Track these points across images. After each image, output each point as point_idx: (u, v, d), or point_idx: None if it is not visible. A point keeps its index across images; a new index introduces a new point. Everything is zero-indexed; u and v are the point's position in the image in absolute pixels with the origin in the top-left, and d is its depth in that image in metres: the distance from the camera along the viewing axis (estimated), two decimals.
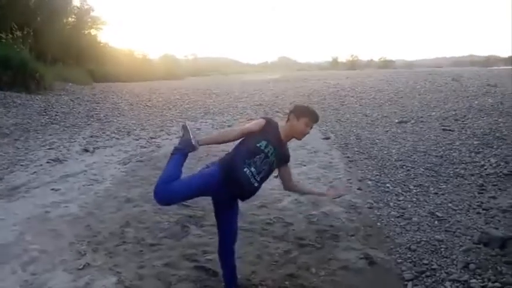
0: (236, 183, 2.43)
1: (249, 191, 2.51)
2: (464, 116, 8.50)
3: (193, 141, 2.54)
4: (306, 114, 2.65)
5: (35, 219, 4.18)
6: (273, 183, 5.18)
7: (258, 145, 2.48)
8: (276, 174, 2.84)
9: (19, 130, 8.45)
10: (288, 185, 2.86)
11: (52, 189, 5.14)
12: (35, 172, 5.86)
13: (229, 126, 9.46)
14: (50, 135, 8.28)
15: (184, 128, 2.65)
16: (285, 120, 2.73)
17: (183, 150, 2.58)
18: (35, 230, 3.89)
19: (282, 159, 2.68)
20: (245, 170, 2.43)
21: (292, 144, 7.52)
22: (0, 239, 3.68)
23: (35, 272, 3.13)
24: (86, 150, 7.17)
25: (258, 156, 2.47)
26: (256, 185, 2.49)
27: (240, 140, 2.58)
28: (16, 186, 5.22)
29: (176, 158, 2.57)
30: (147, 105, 12.68)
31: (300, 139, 2.70)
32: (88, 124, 9.56)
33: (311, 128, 2.69)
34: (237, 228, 2.78)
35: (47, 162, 6.36)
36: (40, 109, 10.65)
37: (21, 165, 6.20)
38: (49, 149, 7.22)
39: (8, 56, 12.25)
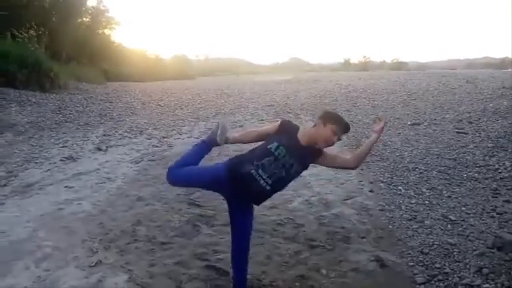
0: (241, 182, 2.38)
1: (256, 193, 2.41)
2: (479, 118, 8.38)
3: (218, 138, 2.63)
4: (333, 122, 2.49)
5: (48, 216, 4.24)
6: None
7: (268, 147, 2.40)
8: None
9: (33, 128, 8.57)
10: (347, 163, 2.69)
11: (65, 186, 5.21)
12: (48, 170, 5.94)
13: (240, 126, 9.47)
14: (64, 133, 8.39)
15: (219, 124, 2.71)
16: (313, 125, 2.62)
17: (208, 143, 2.70)
18: (48, 227, 3.95)
19: (303, 162, 2.50)
20: (252, 171, 2.35)
21: None
22: (14, 236, 3.74)
23: (48, 268, 3.18)
24: (99, 149, 7.25)
25: (266, 159, 2.36)
26: (268, 188, 2.39)
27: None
28: (30, 184, 5.30)
29: (199, 147, 2.69)
30: (159, 105, 12.76)
31: (323, 147, 2.51)
32: (101, 123, 9.66)
33: (338, 138, 2.54)
34: (250, 236, 2.70)
35: (61, 160, 6.45)
36: (54, 107, 10.80)
37: (36, 162, 6.29)
38: (63, 147, 7.31)
39: (23, 55, 12.45)
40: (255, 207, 2.65)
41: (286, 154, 2.39)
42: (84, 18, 22.80)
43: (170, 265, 3.23)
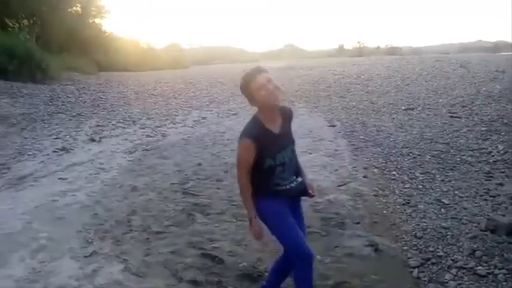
0: (290, 197, 2.33)
1: (300, 192, 2.38)
2: (472, 102, 8.40)
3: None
4: (248, 84, 2.24)
5: (42, 207, 4.23)
6: None
7: (266, 167, 2.22)
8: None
9: (26, 120, 8.50)
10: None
11: (59, 178, 5.19)
12: (42, 161, 5.91)
13: (234, 114, 9.44)
14: (57, 124, 8.32)
15: None
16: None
17: None
18: (42, 219, 3.94)
19: (292, 137, 2.38)
20: (278, 189, 2.27)
21: (298, 132, 7.49)
22: (9, 228, 3.73)
23: (43, 259, 3.18)
24: (92, 140, 7.21)
25: (277, 170, 2.24)
26: (299, 180, 2.36)
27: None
28: (24, 176, 5.27)
29: None
30: (152, 94, 12.69)
31: (273, 101, 2.21)
32: (94, 113, 9.60)
33: (267, 80, 2.23)
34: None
35: (54, 152, 6.41)
36: (46, 99, 10.69)
37: (29, 154, 6.25)
38: (56, 138, 7.26)
39: (14, 45, 12.27)
40: None
41: (283, 152, 2.27)
42: (74, 7, 22.45)
43: (165, 254, 3.24)
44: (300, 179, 2.37)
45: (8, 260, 3.16)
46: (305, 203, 4.16)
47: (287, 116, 2.37)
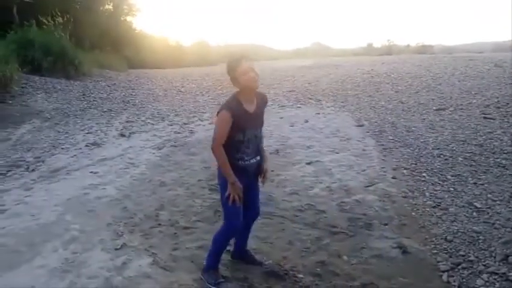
0: (245, 172, 2.68)
1: (256, 169, 2.76)
2: (507, 103, 8.11)
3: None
4: (235, 68, 2.53)
5: (74, 200, 4.37)
6: (304, 170, 5.18)
7: (236, 140, 2.57)
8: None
9: (59, 114, 8.79)
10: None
11: (91, 172, 5.34)
12: (74, 155, 6.10)
13: None
14: (89, 119, 8.56)
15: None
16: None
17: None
18: (74, 211, 4.07)
19: (263, 121, 2.73)
20: (240, 163, 2.62)
21: (325, 131, 7.42)
22: (43, 219, 3.88)
23: (75, 250, 3.29)
24: (122, 135, 7.38)
25: (243, 145, 2.60)
26: (258, 159, 2.72)
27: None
28: (57, 169, 5.46)
29: None
30: (180, 91, 12.85)
31: (254, 86, 2.55)
32: (124, 109, 9.81)
33: (251, 68, 2.52)
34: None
35: (86, 146, 6.60)
36: (79, 94, 11.02)
37: (62, 148, 6.46)
38: (87, 133, 7.48)
39: (49, 42, 12.70)
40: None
41: (252, 130, 2.61)
42: (107, 6, 22.98)
43: (193, 249, 3.29)
44: (258, 158, 2.73)
45: (42, 250, 3.29)
46: (332, 202, 4.16)
47: (263, 101, 2.73)
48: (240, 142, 2.58)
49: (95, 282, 2.85)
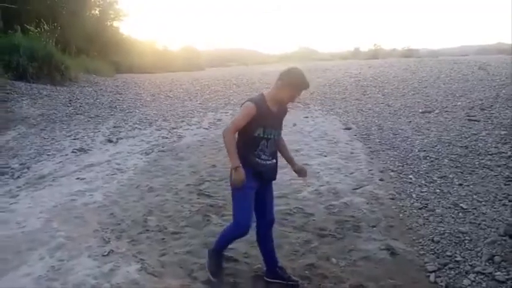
0: (259, 172, 2.67)
1: (271, 171, 2.75)
2: (491, 105, 8.24)
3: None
4: (294, 80, 2.62)
5: (61, 207, 4.31)
6: (293, 173, 5.18)
7: (255, 135, 2.61)
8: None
9: (45, 121, 8.68)
10: (279, 143, 2.87)
11: (77, 178, 5.28)
12: (60, 161, 6.02)
13: None
14: (75, 125, 8.47)
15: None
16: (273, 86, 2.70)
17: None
18: (61, 218, 4.01)
19: (282, 126, 2.81)
20: (257, 160, 2.64)
21: (313, 135, 7.46)
22: (29, 226, 3.82)
23: (62, 257, 3.24)
24: (110, 141, 7.31)
25: (262, 143, 2.63)
26: (274, 161, 2.74)
27: (238, 132, 2.64)
28: (43, 175, 5.38)
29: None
30: (168, 96, 12.79)
31: (286, 104, 2.75)
32: (111, 115, 9.73)
33: (299, 95, 2.69)
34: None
35: (72, 152, 6.52)
36: (65, 100, 10.90)
37: (48, 154, 6.38)
38: (74, 139, 7.39)
39: (35, 48, 12.54)
40: None
41: (272, 130, 2.67)
42: (93, 11, 22.84)
43: (181, 254, 3.27)
44: (274, 161, 2.76)
45: (28, 258, 3.23)
46: (320, 205, 4.18)
47: (283, 109, 2.81)
48: (259, 139, 2.62)
49: None
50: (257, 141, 2.62)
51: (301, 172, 2.89)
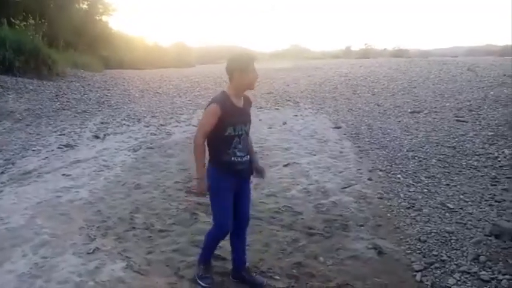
0: (235, 171, 2.63)
1: (247, 168, 2.70)
2: (479, 106, 8.34)
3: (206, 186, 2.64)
4: (244, 63, 2.58)
5: (46, 203, 4.23)
6: (282, 172, 5.18)
7: (226, 134, 2.56)
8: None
9: (31, 116, 8.54)
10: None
11: (63, 174, 5.20)
12: (46, 157, 5.92)
13: None
14: (62, 121, 8.35)
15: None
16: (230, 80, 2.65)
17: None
18: (46, 214, 3.94)
19: (250, 119, 2.75)
20: (233, 159, 2.59)
21: (302, 133, 7.46)
22: (12, 223, 3.74)
23: (46, 255, 3.18)
24: (97, 137, 7.22)
25: (234, 141, 2.58)
26: (248, 157, 2.69)
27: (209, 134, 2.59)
28: (28, 171, 5.29)
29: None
30: (157, 93, 12.70)
31: (252, 87, 2.65)
32: (99, 111, 9.62)
33: (255, 69, 2.61)
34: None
35: (58, 148, 6.42)
36: (52, 95, 10.74)
37: (33, 150, 6.27)
38: (60, 134, 7.28)
39: (21, 41, 12.32)
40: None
41: (242, 126, 2.61)
42: (81, 5, 22.52)
43: (168, 252, 3.23)
44: (248, 157, 2.70)
45: (11, 255, 3.17)
46: (309, 204, 4.17)
47: (248, 102, 2.76)
48: (231, 137, 2.57)
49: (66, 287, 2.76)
50: (229, 139, 2.57)
51: (260, 172, 2.84)
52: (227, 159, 2.58)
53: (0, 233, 3.55)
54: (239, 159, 2.61)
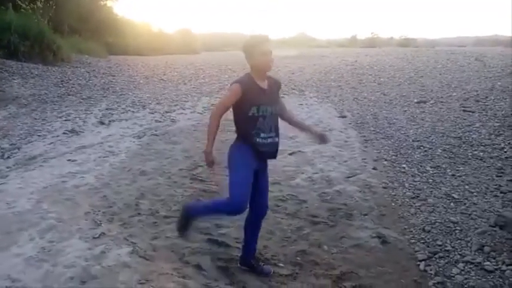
0: (260, 152, 2.61)
1: (272, 150, 2.67)
2: (486, 97, 8.26)
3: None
4: (255, 45, 2.59)
5: (51, 188, 4.26)
6: (287, 160, 5.18)
7: (250, 114, 2.56)
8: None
9: (36, 101, 8.56)
10: (284, 116, 2.86)
11: (68, 159, 5.23)
12: (52, 143, 5.95)
13: None
14: (67, 106, 8.36)
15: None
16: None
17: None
18: (51, 199, 3.97)
19: (278, 100, 2.74)
20: (257, 140, 2.58)
21: (307, 122, 7.44)
22: (19, 207, 3.77)
23: (52, 239, 3.21)
24: (102, 123, 7.24)
25: (259, 121, 2.57)
26: (276, 140, 2.66)
27: (233, 113, 2.64)
28: (33, 156, 5.32)
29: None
30: (162, 79, 12.66)
31: (268, 69, 2.63)
32: (104, 97, 9.62)
33: (270, 51, 2.60)
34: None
35: (64, 133, 6.45)
36: (57, 80, 10.74)
37: (39, 135, 6.30)
38: (65, 120, 7.31)
39: (27, 25, 12.28)
40: None
41: (267, 107, 2.59)
42: None
43: (173, 238, 3.25)
44: (277, 139, 2.68)
45: (18, 239, 3.20)
46: (313, 193, 4.18)
47: (276, 85, 2.75)
48: (255, 118, 2.56)
49: (72, 271, 2.78)
50: (253, 120, 2.56)
51: (322, 138, 2.87)
52: (251, 140, 2.58)
53: (7, 217, 3.58)
54: (263, 141, 2.60)
